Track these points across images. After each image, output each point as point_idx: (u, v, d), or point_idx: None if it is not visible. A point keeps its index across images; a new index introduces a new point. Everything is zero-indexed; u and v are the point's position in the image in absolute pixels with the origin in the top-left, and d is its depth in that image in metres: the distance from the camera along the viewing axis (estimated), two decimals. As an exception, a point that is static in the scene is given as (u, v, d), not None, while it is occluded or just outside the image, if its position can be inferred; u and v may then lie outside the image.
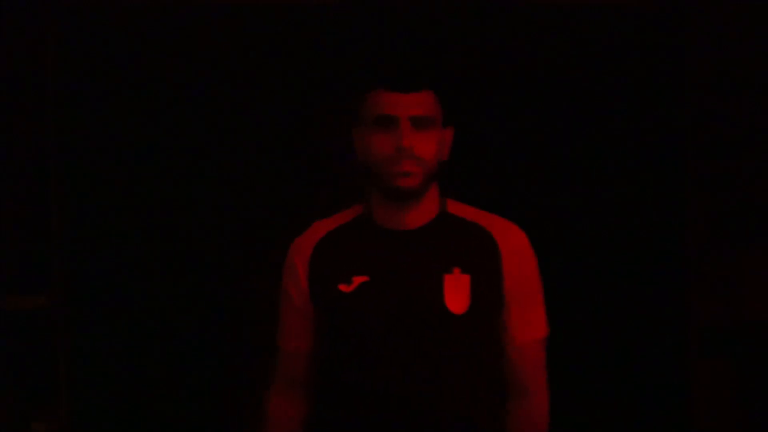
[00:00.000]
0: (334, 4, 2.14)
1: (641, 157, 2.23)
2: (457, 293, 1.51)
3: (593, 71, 2.19)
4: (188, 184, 2.09)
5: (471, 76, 2.23)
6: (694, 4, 2.21)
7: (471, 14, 2.17)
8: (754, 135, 2.51)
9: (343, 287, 1.53)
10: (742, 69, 2.49)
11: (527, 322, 1.57)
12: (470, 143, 2.09)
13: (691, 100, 2.24)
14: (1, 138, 2.27)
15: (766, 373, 2.45)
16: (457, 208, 1.61)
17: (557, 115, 2.19)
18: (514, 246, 1.57)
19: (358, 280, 1.52)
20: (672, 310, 2.30)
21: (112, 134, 2.08)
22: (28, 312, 2.20)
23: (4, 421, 2.23)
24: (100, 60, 2.07)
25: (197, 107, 2.09)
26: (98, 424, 2.11)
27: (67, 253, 2.08)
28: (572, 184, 2.20)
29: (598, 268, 2.25)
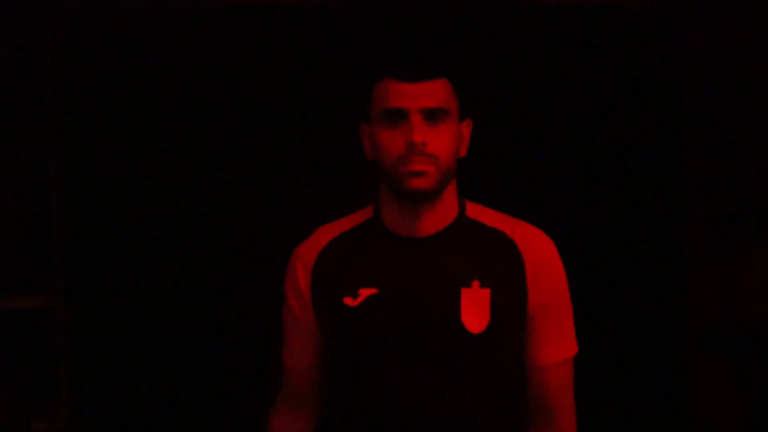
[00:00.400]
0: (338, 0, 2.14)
1: (641, 156, 2.23)
2: (475, 310, 1.36)
3: (592, 71, 2.19)
4: (189, 184, 2.09)
5: (481, 66, 2.20)
6: (694, 4, 2.21)
7: (475, 10, 2.17)
8: (754, 135, 2.51)
9: (348, 300, 1.38)
10: (742, 69, 2.49)
11: (553, 341, 1.42)
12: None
13: (691, 100, 2.24)
14: (1, 138, 2.27)
15: (766, 373, 2.45)
16: (476, 212, 1.46)
17: (556, 115, 2.19)
18: (539, 256, 1.43)
19: (365, 292, 1.37)
20: (672, 310, 2.30)
21: (113, 134, 2.08)
22: (28, 312, 2.20)
23: (4, 421, 2.23)
24: (100, 60, 2.07)
25: (198, 107, 2.09)
26: (98, 424, 2.11)
27: (67, 253, 2.08)
28: (571, 183, 2.20)
29: (598, 268, 2.24)
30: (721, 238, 2.49)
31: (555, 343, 1.42)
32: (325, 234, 1.48)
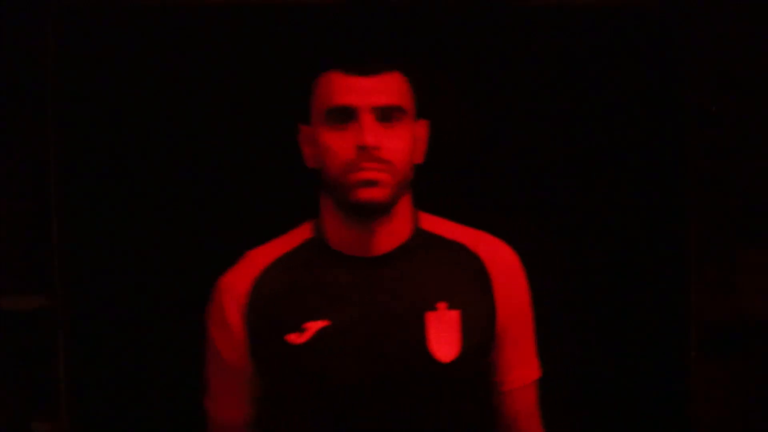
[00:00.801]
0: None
1: (641, 156, 2.23)
2: (444, 335, 1.16)
3: (592, 71, 2.19)
4: (190, 185, 2.09)
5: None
6: (694, 3, 2.21)
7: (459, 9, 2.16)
8: (755, 135, 2.51)
9: (293, 338, 1.17)
10: (743, 69, 2.49)
11: (521, 363, 1.30)
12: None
13: (691, 100, 2.24)
14: (1, 138, 2.27)
15: (766, 373, 2.45)
16: (431, 223, 1.30)
17: (555, 115, 2.19)
18: (506, 270, 1.28)
19: (312, 326, 1.16)
20: (672, 309, 2.30)
21: (113, 134, 2.07)
22: (28, 312, 2.20)
23: (4, 421, 2.23)
24: (101, 60, 2.07)
25: (199, 107, 2.09)
26: (98, 424, 2.11)
27: (67, 253, 2.08)
28: (571, 183, 2.20)
29: (597, 268, 2.24)
30: (721, 238, 2.49)
31: (522, 366, 1.30)
32: (258, 259, 1.27)
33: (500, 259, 1.29)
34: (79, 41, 2.07)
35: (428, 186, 1.32)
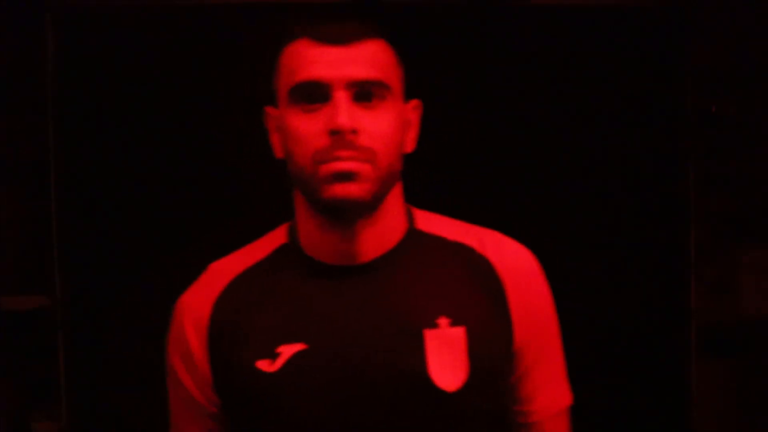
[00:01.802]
0: None
1: (641, 156, 2.23)
2: (447, 358, 0.93)
3: (592, 70, 2.19)
4: (190, 185, 2.09)
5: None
6: (694, 3, 2.21)
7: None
8: (754, 135, 2.50)
9: (263, 365, 0.95)
10: (743, 69, 2.48)
11: (548, 388, 1.05)
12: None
13: (691, 100, 2.24)
14: (1, 138, 2.27)
15: (766, 373, 2.45)
16: (428, 222, 1.06)
17: (554, 115, 2.19)
18: (522, 274, 1.04)
19: (287, 351, 0.94)
20: (672, 309, 2.30)
21: (113, 134, 2.07)
22: (28, 312, 2.20)
23: (4, 421, 2.23)
24: (101, 60, 2.07)
25: (200, 107, 2.09)
26: (98, 424, 2.11)
27: (67, 253, 2.08)
28: (570, 183, 2.19)
29: (597, 268, 2.24)
30: (721, 238, 2.49)
31: (549, 391, 1.06)
32: (222, 273, 1.07)
33: (515, 263, 1.04)
34: (79, 41, 2.07)
35: (418, 178, 1.12)
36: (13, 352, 2.29)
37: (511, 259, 1.04)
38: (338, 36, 0.92)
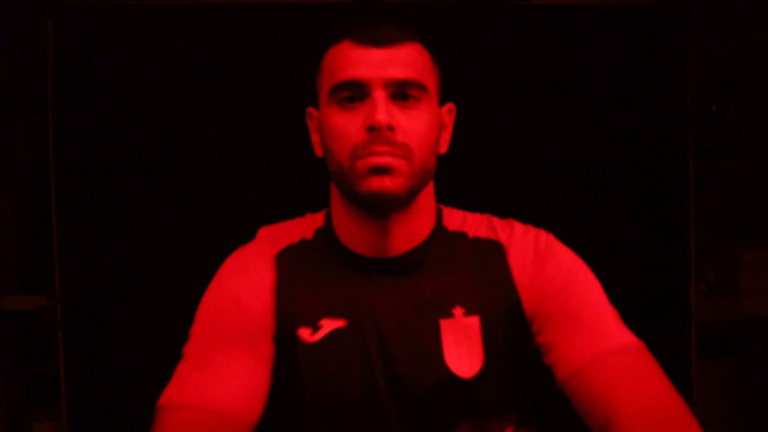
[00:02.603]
0: None
1: (641, 156, 2.23)
2: (462, 346, 0.99)
3: (592, 70, 2.19)
4: (190, 185, 2.09)
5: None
6: (694, 4, 2.21)
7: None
8: (754, 135, 2.51)
9: (304, 333, 1.00)
10: (743, 69, 2.49)
11: (587, 344, 1.02)
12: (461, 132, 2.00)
13: (691, 100, 2.24)
14: (1, 138, 2.27)
15: (766, 373, 2.45)
16: (452, 219, 1.13)
17: (554, 115, 2.19)
18: (524, 250, 1.08)
19: (329, 325, 1.00)
20: (672, 309, 2.30)
21: (113, 134, 2.07)
22: (28, 312, 2.20)
23: (4, 421, 2.23)
24: (101, 59, 2.06)
25: (200, 108, 2.09)
26: (99, 424, 2.11)
27: (67, 253, 2.08)
28: (569, 184, 2.19)
29: (597, 268, 2.24)
30: (721, 239, 2.49)
31: (590, 345, 1.03)
32: (276, 236, 1.13)
33: (520, 242, 1.09)
34: (79, 41, 2.06)
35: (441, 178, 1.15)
36: (13, 352, 2.29)
37: (518, 239, 1.10)
38: (378, 38, 0.98)
